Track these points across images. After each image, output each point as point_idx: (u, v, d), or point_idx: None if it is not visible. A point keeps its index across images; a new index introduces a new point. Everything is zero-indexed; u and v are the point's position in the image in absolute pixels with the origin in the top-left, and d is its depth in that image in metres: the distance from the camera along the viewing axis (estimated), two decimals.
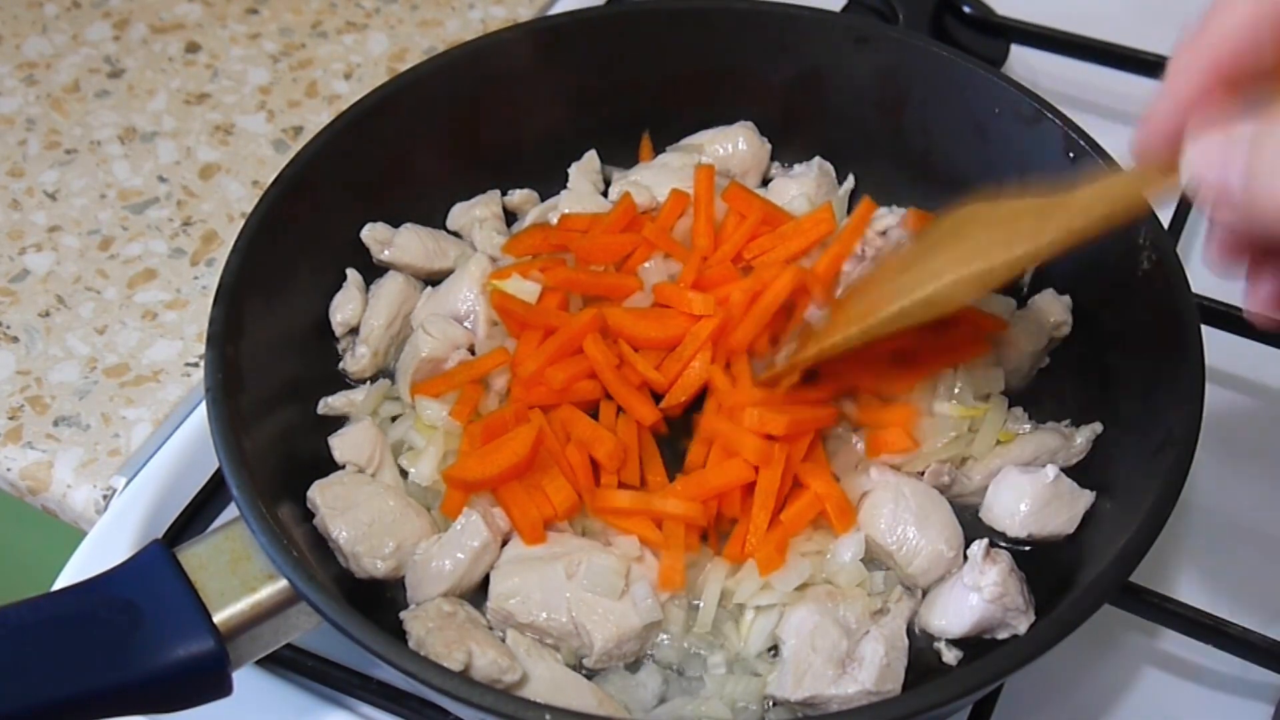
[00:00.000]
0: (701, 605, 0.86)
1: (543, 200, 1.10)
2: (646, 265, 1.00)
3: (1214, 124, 0.62)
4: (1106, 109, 1.26)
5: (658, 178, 1.07)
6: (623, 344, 0.95)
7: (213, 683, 0.75)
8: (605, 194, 1.10)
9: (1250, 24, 0.62)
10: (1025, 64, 1.29)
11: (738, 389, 0.93)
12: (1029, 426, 0.95)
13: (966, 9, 1.29)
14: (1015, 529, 0.89)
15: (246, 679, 0.80)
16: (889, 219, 1.02)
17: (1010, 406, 0.96)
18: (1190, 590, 0.89)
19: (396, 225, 1.05)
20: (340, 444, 0.93)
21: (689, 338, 0.95)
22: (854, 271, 0.98)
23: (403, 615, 0.83)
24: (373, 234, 1.03)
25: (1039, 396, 0.98)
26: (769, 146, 1.12)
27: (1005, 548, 0.88)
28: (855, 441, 0.93)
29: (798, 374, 0.92)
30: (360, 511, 0.88)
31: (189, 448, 1.03)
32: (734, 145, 1.10)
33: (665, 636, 0.85)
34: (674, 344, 0.95)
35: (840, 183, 1.11)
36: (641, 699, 0.83)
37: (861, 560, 0.87)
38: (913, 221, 1.00)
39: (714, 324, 0.94)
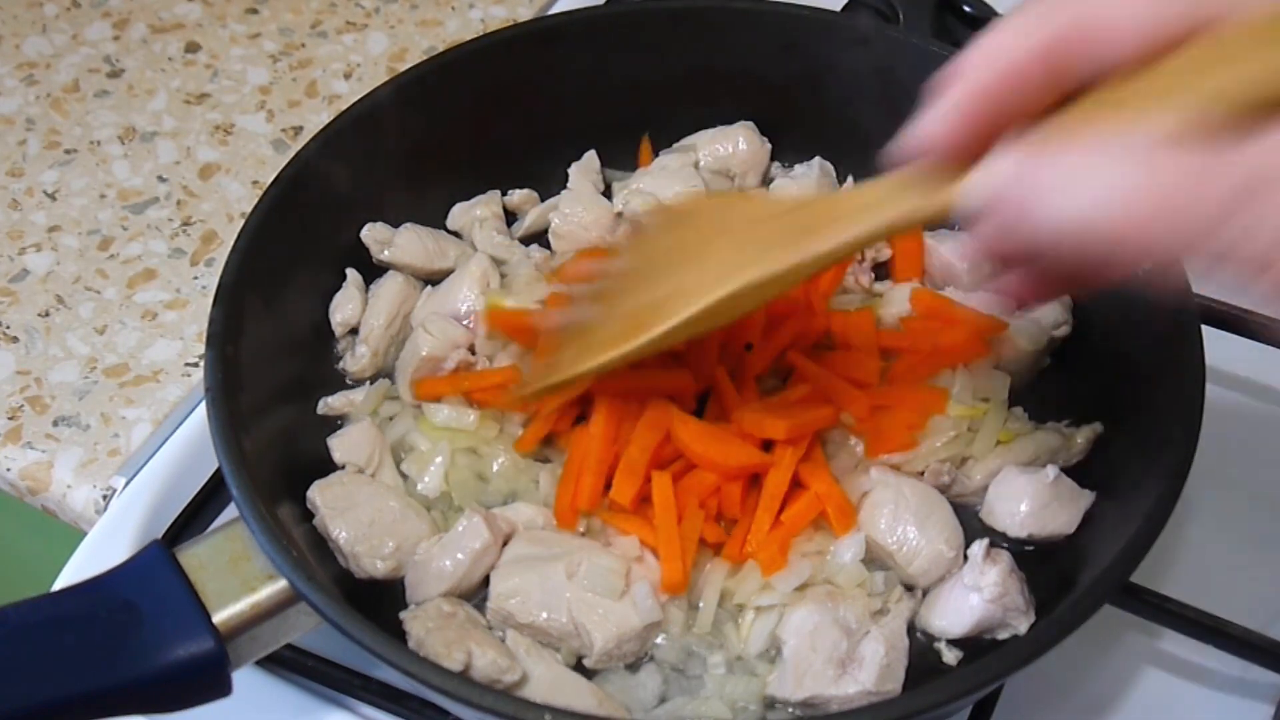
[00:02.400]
0: (701, 606, 0.85)
1: (543, 200, 1.11)
2: None
3: (999, 145, 0.62)
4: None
5: (659, 183, 1.07)
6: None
7: (212, 683, 0.75)
8: (606, 195, 1.10)
9: (1011, 63, 0.62)
10: None
11: (741, 395, 0.92)
12: (1029, 426, 0.95)
13: (967, 9, 1.28)
14: (1015, 529, 0.89)
15: (246, 679, 0.80)
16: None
17: (1010, 406, 0.96)
18: (1190, 590, 0.89)
19: (396, 225, 1.05)
20: (340, 444, 0.93)
21: (765, 495, 0.88)
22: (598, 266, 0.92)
23: (403, 615, 0.83)
24: (373, 234, 1.03)
25: (1039, 396, 0.98)
26: (769, 146, 1.11)
27: (1005, 548, 0.88)
28: (853, 443, 0.93)
29: (559, 395, 0.89)
30: (360, 511, 0.88)
31: (189, 448, 1.03)
32: (734, 145, 1.10)
33: (664, 637, 0.85)
34: (743, 474, 0.88)
35: (840, 184, 1.11)
36: (641, 699, 0.83)
37: (861, 560, 0.87)
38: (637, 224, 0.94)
39: (795, 459, 0.88)
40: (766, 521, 0.87)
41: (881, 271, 1.05)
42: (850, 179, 1.11)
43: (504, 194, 1.11)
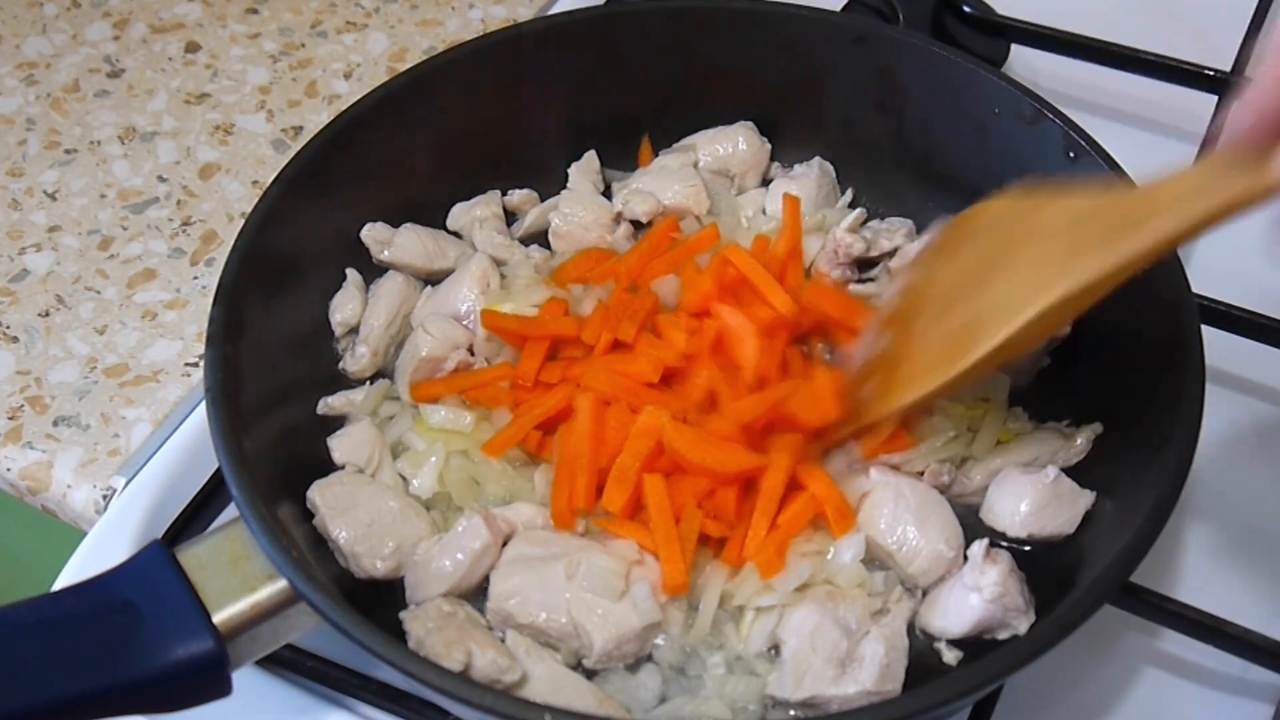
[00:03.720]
0: (700, 608, 0.85)
1: (543, 200, 1.10)
2: (662, 280, 1.00)
3: None
4: (1106, 109, 1.26)
5: (658, 183, 1.07)
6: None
7: (212, 683, 0.75)
8: (606, 195, 1.10)
9: None
10: (1025, 64, 1.29)
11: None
12: (1029, 426, 0.95)
13: (966, 9, 1.29)
14: (1015, 529, 0.89)
15: (246, 679, 0.80)
16: (897, 237, 1.03)
17: (1010, 406, 0.96)
18: (1190, 590, 0.89)
19: (396, 225, 1.05)
20: (339, 445, 0.93)
21: (762, 499, 0.87)
22: (887, 294, 0.89)
23: (402, 615, 0.83)
24: (373, 234, 1.03)
25: (1039, 396, 0.98)
26: (769, 146, 1.11)
27: (1005, 548, 0.88)
28: (850, 444, 0.93)
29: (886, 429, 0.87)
30: (360, 512, 0.88)
31: (189, 448, 1.03)
32: (734, 145, 1.10)
33: (664, 637, 0.85)
34: (739, 479, 0.88)
35: (840, 184, 1.11)
36: (641, 699, 0.83)
37: (861, 560, 0.87)
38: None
39: (792, 460, 0.88)
40: (764, 525, 0.87)
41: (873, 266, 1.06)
42: (849, 192, 1.10)
43: (504, 194, 1.11)
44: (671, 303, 0.99)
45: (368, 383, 0.99)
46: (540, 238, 1.09)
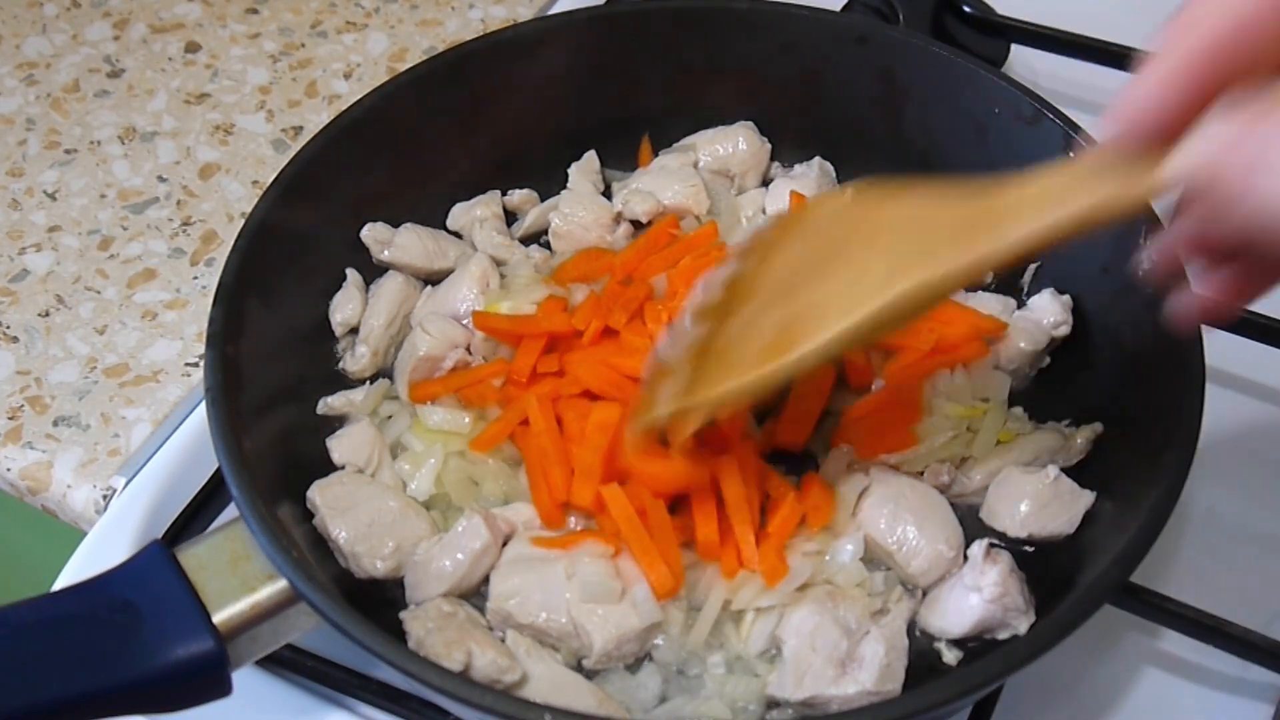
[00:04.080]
0: (702, 613, 0.85)
1: (543, 200, 1.11)
2: (659, 278, 1.00)
3: (1215, 111, 0.54)
4: (1106, 109, 1.26)
5: (658, 183, 1.07)
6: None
7: (212, 683, 0.75)
8: (606, 195, 1.10)
9: (1245, 9, 0.54)
10: (1025, 64, 1.29)
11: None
12: (1029, 426, 0.95)
13: (966, 9, 1.29)
14: (1015, 529, 0.89)
15: (246, 679, 0.80)
16: None
17: (1010, 406, 0.96)
18: (1190, 590, 0.89)
19: (396, 225, 1.05)
20: (339, 445, 0.93)
21: (730, 506, 0.86)
22: (708, 284, 0.80)
23: (402, 615, 0.83)
24: (373, 234, 1.03)
25: (1039, 396, 0.98)
26: (769, 146, 1.11)
27: (1005, 548, 0.88)
28: (845, 447, 0.93)
29: (694, 424, 0.80)
30: (360, 512, 0.88)
31: (189, 448, 1.03)
32: (734, 145, 1.10)
33: (663, 638, 0.85)
34: (680, 492, 0.87)
35: (840, 184, 1.11)
36: (641, 699, 0.83)
37: (861, 560, 0.87)
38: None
39: (744, 470, 0.86)
40: (748, 533, 0.86)
41: None
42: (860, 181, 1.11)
43: (504, 194, 1.11)
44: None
45: (368, 383, 0.99)
46: (540, 238, 1.09)
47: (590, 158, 1.11)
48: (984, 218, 0.64)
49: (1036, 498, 0.89)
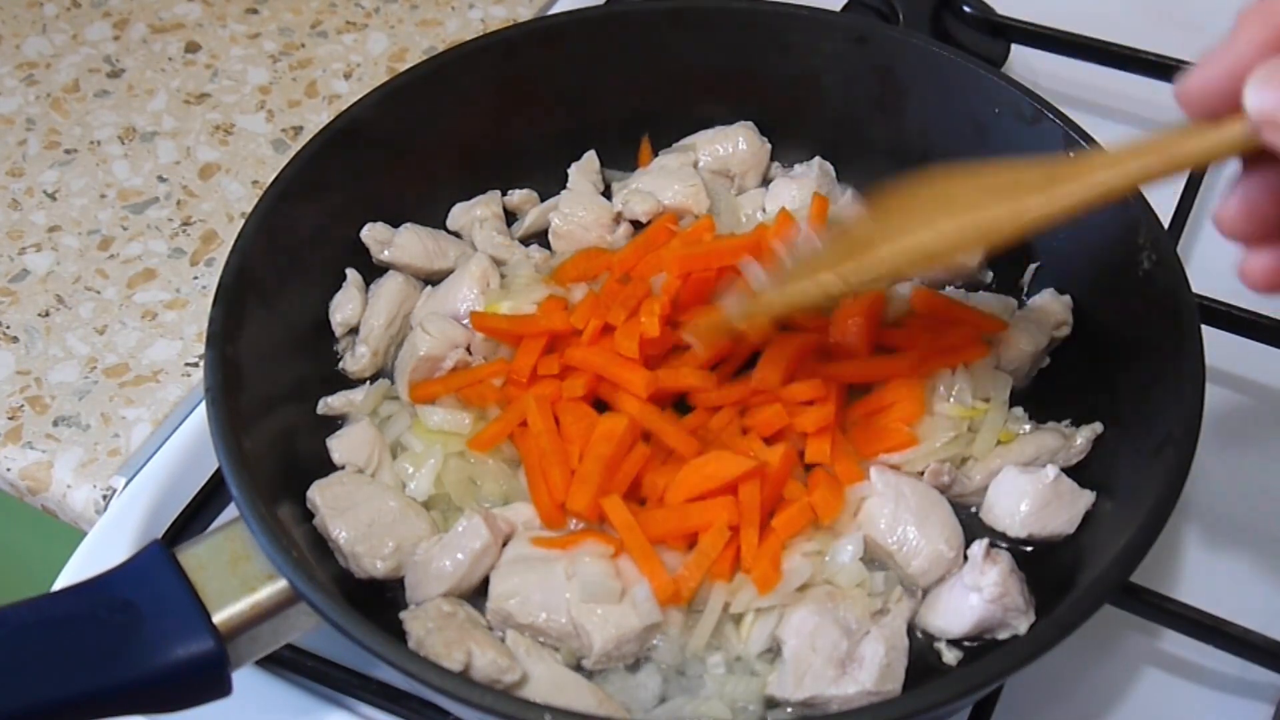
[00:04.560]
0: (701, 620, 0.84)
1: (543, 200, 1.10)
2: (658, 277, 1.00)
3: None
4: (1106, 109, 1.26)
5: (658, 183, 1.07)
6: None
7: (212, 683, 0.75)
8: (606, 195, 1.10)
9: None
10: (1025, 64, 1.29)
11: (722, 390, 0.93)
12: (1029, 426, 0.95)
13: (966, 9, 1.29)
14: (1015, 529, 0.89)
15: (246, 679, 0.80)
16: None
17: (1010, 406, 0.96)
18: (1190, 590, 0.89)
19: (396, 225, 1.05)
20: (339, 445, 0.93)
21: (744, 519, 0.86)
22: (801, 237, 0.88)
23: (402, 615, 0.83)
24: (373, 234, 1.03)
25: (1039, 396, 0.98)
26: (769, 146, 1.11)
27: (1005, 548, 0.88)
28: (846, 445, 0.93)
29: (769, 321, 0.87)
30: (360, 512, 0.88)
31: (189, 448, 1.03)
32: (734, 145, 1.10)
33: (662, 638, 0.84)
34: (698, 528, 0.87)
35: (840, 185, 1.11)
36: (641, 699, 0.83)
37: (861, 560, 0.87)
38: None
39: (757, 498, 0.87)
40: (753, 537, 0.86)
41: None
42: (848, 192, 1.10)
43: (504, 194, 1.11)
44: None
45: (368, 383, 0.99)
46: (540, 238, 1.09)
47: (590, 158, 1.11)
48: (1070, 171, 0.71)
49: (1036, 498, 0.89)
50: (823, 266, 0.80)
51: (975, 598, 0.83)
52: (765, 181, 1.12)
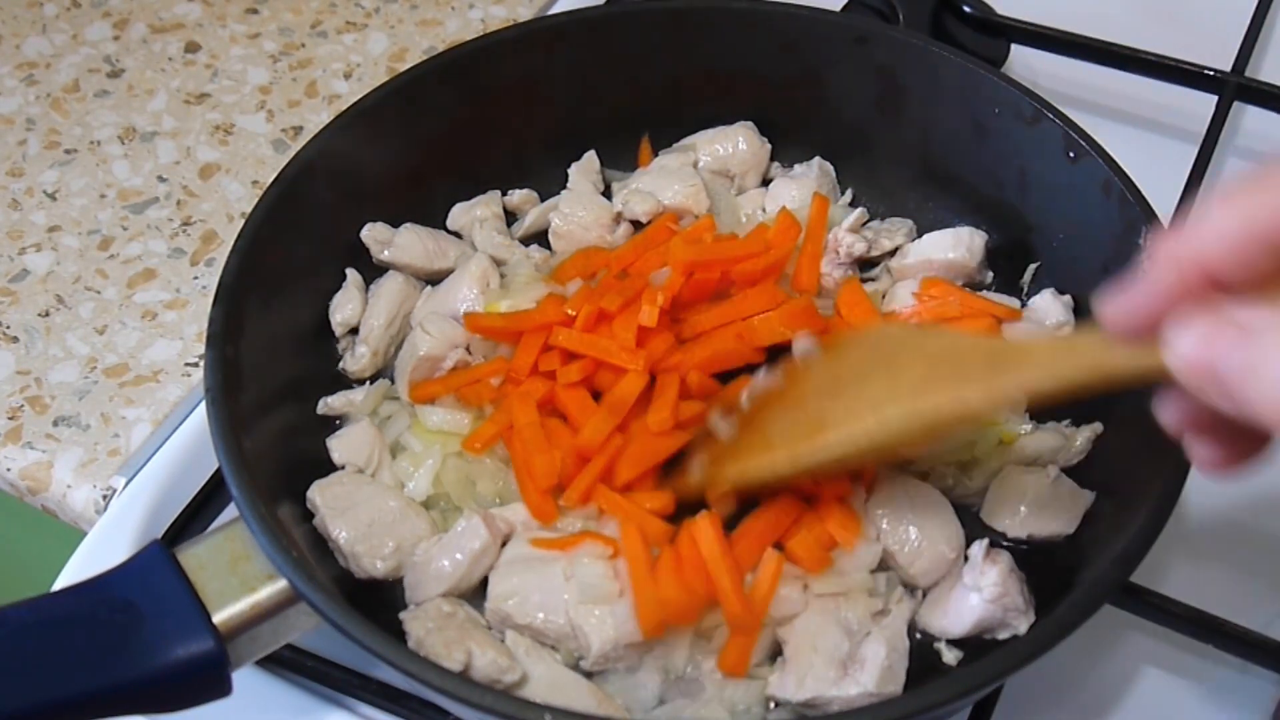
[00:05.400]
0: (674, 652, 0.84)
1: (543, 200, 1.11)
2: (658, 273, 1.00)
3: (1202, 309, 0.59)
4: (1106, 109, 1.26)
5: (658, 183, 1.07)
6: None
7: (212, 683, 0.75)
8: (606, 195, 1.10)
9: (1236, 237, 0.58)
10: (1025, 64, 1.29)
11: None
12: (1029, 427, 0.95)
13: (966, 9, 1.29)
14: (1015, 529, 0.89)
15: (246, 679, 0.80)
16: (898, 236, 1.04)
17: None
18: (1190, 590, 0.89)
19: (396, 225, 1.05)
20: (338, 445, 0.93)
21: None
22: (759, 379, 0.91)
23: (402, 615, 0.83)
24: (373, 234, 1.03)
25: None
26: (769, 146, 1.11)
27: (1005, 548, 0.88)
28: None
29: (723, 488, 0.87)
30: (360, 512, 0.88)
31: (189, 448, 1.03)
32: (734, 145, 1.10)
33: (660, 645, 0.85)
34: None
35: (840, 185, 1.11)
36: (641, 699, 0.83)
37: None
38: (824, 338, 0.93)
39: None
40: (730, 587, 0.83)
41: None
42: (849, 192, 1.10)
43: (504, 194, 1.11)
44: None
45: (368, 383, 0.99)
46: (540, 238, 1.09)
47: (590, 158, 1.11)
48: (1009, 359, 0.72)
49: (1036, 498, 0.89)
50: (774, 442, 0.83)
51: (975, 598, 0.83)
52: (765, 181, 1.12)
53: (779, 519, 0.87)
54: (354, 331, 1.01)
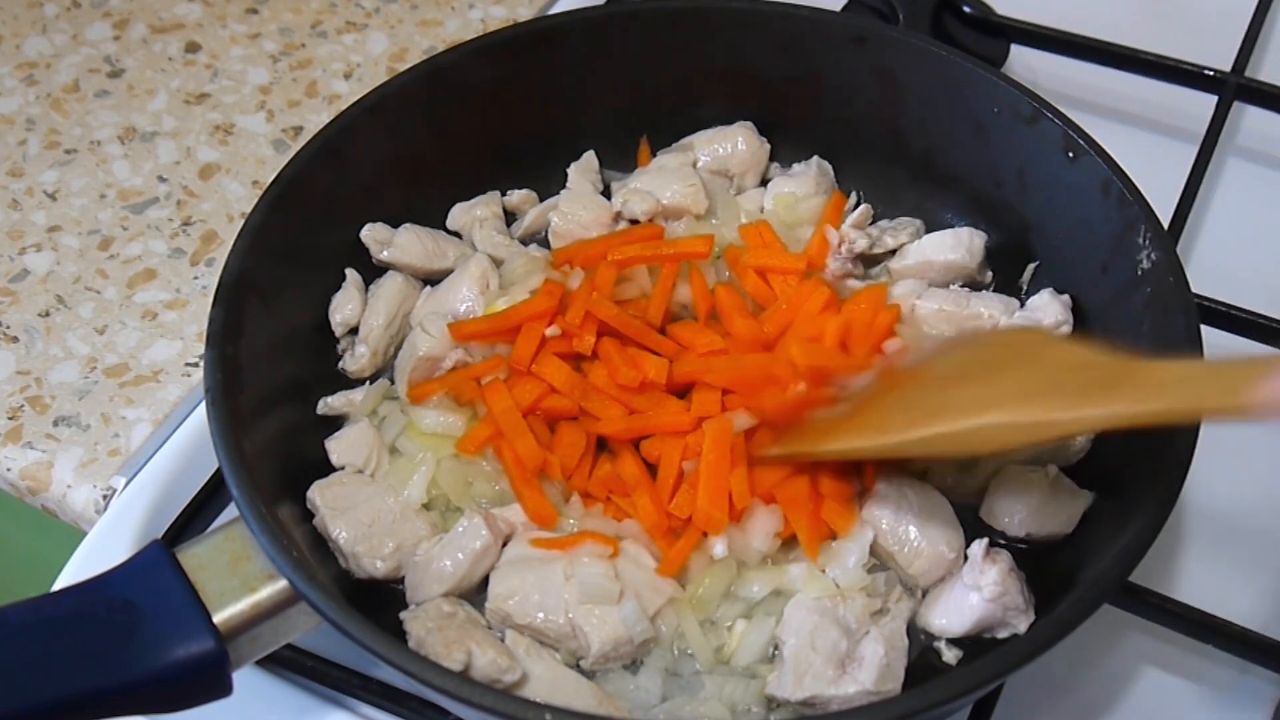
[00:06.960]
0: (692, 650, 0.85)
1: (542, 200, 1.11)
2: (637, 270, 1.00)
3: None
4: (1106, 109, 1.26)
5: (657, 182, 1.07)
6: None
7: (213, 683, 0.75)
8: (605, 195, 1.10)
9: None
10: (1025, 64, 1.29)
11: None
12: None
13: (966, 9, 1.29)
14: (1015, 528, 0.89)
15: (246, 679, 0.80)
16: (902, 235, 1.04)
17: None
18: (1190, 590, 0.89)
19: (396, 225, 1.05)
20: (337, 446, 0.93)
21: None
22: (868, 374, 0.91)
23: (403, 615, 0.83)
24: (372, 234, 1.03)
25: None
26: (768, 146, 1.12)
27: (1005, 547, 0.88)
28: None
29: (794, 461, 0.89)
30: (360, 512, 0.88)
31: (189, 448, 1.03)
32: (733, 145, 1.10)
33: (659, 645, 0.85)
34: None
35: (839, 185, 1.11)
36: (641, 699, 0.83)
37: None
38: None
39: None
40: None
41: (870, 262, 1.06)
42: (855, 196, 1.11)
43: (504, 194, 1.11)
44: (648, 287, 1.01)
45: (367, 383, 0.99)
46: (540, 238, 1.09)
47: (590, 158, 1.11)
48: (1114, 384, 0.73)
49: (1036, 497, 0.89)
50: (872, 426, 0.84)
51: (975, 597, 0.83)
52: (764, 181, 1.12)
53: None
54: (354, 331, 1.01)
